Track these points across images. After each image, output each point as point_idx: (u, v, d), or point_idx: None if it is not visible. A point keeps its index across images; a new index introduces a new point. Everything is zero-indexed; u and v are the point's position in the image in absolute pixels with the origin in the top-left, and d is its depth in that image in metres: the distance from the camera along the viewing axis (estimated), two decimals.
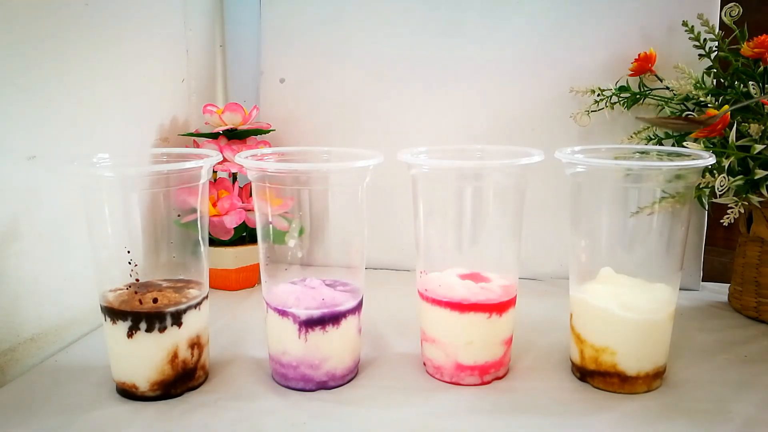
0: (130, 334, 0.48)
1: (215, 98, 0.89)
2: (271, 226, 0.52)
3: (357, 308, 0.52)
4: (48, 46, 0.56)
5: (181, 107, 0.80)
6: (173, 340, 0.49)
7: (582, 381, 0.53)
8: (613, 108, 0.73)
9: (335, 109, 0.83)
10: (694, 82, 0.67)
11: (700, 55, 0.69)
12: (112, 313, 0.48)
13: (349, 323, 0.51)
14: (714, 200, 0.63)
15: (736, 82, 0.65)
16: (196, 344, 0.51)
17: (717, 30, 0.67)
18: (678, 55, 0.70)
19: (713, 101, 0.65)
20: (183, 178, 0.49)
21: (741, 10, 0.66)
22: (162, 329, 0.48)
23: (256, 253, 0.55)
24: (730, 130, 0.60)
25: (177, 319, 0.49)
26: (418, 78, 0.80)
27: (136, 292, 0.49)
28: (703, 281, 0.78)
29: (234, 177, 0.78)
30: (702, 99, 0.66)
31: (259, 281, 0.76)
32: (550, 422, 0.47)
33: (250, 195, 0.69)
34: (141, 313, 0.48)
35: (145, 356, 0.49)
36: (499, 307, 0.51)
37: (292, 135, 0.84)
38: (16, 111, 0.53)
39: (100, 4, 0.62)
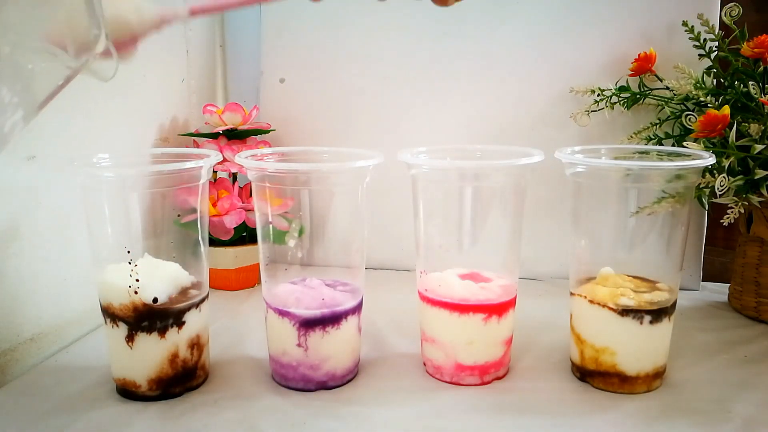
0: (130, 335, 0.48)
1: (215, 98, 0.89)
2: (271, 226, 0.52)
3: (357, 308, 0.52)
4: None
5: (181, 107, 0.80)
6: (173, 340, 0.49)
7: (582, 381, 0.53)
8: (613, 108, 0.73)
9: (335, 109, 0.83)
10: (694, 82, 0.67)
11: (700, 55, 0.69)
12: (112, 313, 0.48)
13: (349, 323, 0.51)
14: (714, 200, 0.63)
15: (736, 82, 0.65)
16: (196, 344, 0.51)
17: (717, 30, 0.67)
18: (678, 55, 0.70)
19: (713, 101, 0.65)
20: (183, 178, 0.49)
21: (741, 10, 0.66)
22: (162, 329, 0.48)
23: (256, 253, 0.55)
24: (730, 130, 0.60)
25: (177, 319, 0.49)
26: (418, 78, 0.80)
27: (136, 292, 0.49)
28: (703, 281, 0.78)
29: (234, 177, 0.78)
30: (702, 99, 0.66)
31: (259, 281, 0.76)
32: (550, 422, 0.47)
33: (250, 195, 0.69)
34: (141, 314, 0.48)
35: (146, 356, 0.49)
36: (499, 308, 0.51)
37: (292, 135, 0.84)
38: None
39: None
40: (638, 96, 0.72)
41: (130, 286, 0.48)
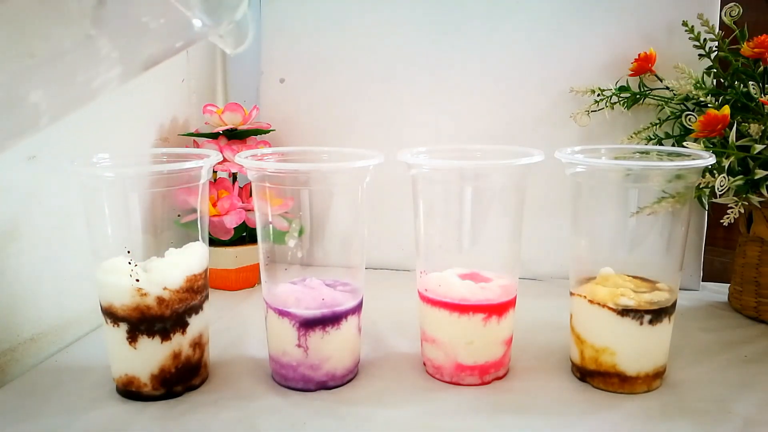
0: (130, 335, 0.48)
1: (215, 98, 0.89)
2: (271, 226, 0.52)
3: (357, 308, 0.52)
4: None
5: (181, 107, 0.80)
6: (174, 340, 0.49)
7: (582, 381, 0.53)
8: (613, 108, 0.73)
9: (335, 109, 0.83)
10: (694, 82, 0.67)
11: (700, 55, 0.69)
12: (113, 314, 0.48)
13: (349, 323, 0.51)
14: (714, 200, 0.63)
15: (736, 82, 0.65)
16: (197, 344, 0.51)
17: (717, 30, 0.67)
18: (678, 55, 0.70)
19: (713, 101, 0.65)
20: (183, 178, 0.49)
21: (741, 10, 0.66)
22: (162, 330, 0.48)
23: (256, 253, 0.55)
24: (730, 130, 0.60)
25: (178, 319, 0.49)
26: (418, 78, 0.80)
27: (142, 293, 0.49)
28: (703, 281, 0.78)
29: (234, 177, 0.78)
30: (702, 99, 0.66)
31: (259, 281, 0.76)
32: (550, 422, 0.47)
33: (250, 195, 0.69)
34: (142, 314, 0.48)
35: (146, 356, 0.49)
36: (499, 307, 0.51)
37: (292, 135, 0.84)
38: None
39: None
40: (638, 96, 0.72)
41: (136, 280, 0.47)
